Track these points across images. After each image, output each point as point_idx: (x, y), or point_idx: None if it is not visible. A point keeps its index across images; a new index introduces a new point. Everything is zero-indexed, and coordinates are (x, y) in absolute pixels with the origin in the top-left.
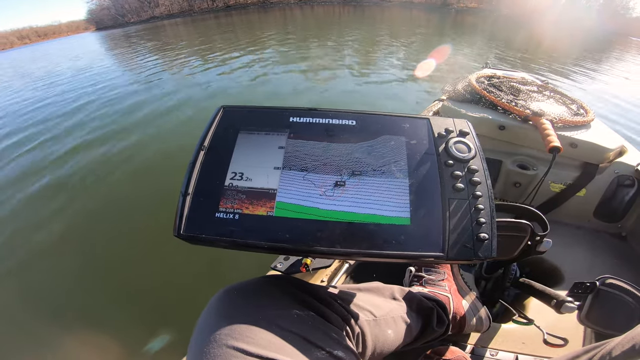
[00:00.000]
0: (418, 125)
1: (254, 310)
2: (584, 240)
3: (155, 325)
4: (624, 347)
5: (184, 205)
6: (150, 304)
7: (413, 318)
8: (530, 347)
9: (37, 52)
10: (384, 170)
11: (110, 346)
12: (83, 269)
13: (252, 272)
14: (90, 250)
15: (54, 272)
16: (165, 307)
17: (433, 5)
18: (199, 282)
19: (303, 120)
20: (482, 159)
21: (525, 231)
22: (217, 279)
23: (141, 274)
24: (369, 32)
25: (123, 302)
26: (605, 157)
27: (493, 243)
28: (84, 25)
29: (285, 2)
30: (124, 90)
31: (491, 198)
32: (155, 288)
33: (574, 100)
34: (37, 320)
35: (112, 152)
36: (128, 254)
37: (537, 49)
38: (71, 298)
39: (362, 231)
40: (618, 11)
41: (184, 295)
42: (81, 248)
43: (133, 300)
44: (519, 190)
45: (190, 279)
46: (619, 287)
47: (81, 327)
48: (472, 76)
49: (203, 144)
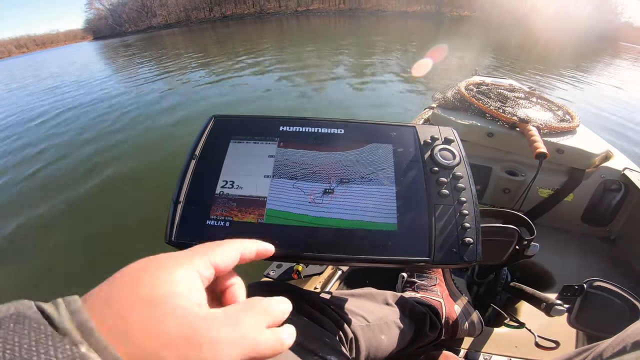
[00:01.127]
0: (405, 133)
1: None
2: (573, 245)
3: None
4: (614, 349)
5: (175, 212)
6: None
7: (406, 323)
8: (523, 350)
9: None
10: (371, 177)
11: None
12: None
13: (245, 280)
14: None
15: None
16: None
17: (427, 14)
18: None
19: (293, 129)
20: (466, 165)
21: (512, 236)
22: None
23: None
24: (363, 41)
25: None
26: (591, 162)
27: (478, 247)
28: (82, 35)
29: (281, 12)
30: (116, 102)
31: (475, 204)
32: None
33: (559, 107)
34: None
35: (97, 162)
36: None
37: (528, 57)
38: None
39: (350, 237)
40: (606, 16)
41: None
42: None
43: None
44: (509, 196)
45: None
46: (607, 289)
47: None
48: (461, 84)
49: (194, 153)
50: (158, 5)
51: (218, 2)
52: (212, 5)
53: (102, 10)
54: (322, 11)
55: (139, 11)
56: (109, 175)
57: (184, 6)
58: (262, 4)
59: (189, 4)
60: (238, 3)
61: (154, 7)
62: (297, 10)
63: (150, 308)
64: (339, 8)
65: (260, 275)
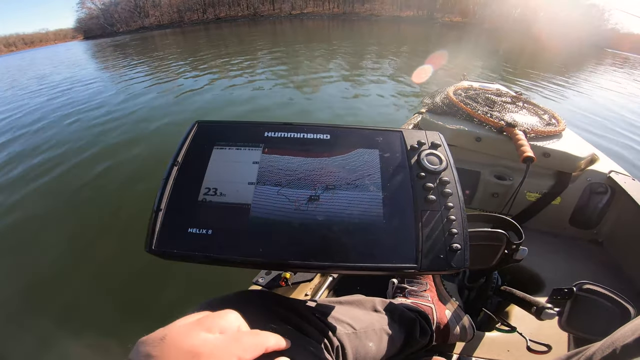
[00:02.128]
0: (391, 138)
1: None
2: (562, 248)
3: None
4: (604, 352)
5: (155, 221)
6: (129, 318)
7: (395, 329)
8: (515, 354)
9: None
10: (357, 183)
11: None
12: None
13: (235, 287)
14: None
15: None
16: (142, 320)
17: (419, 19)
18: (182, 296)
19: (278, 135)
20: (453, 170)
21: (501, 240)
22: (202, 292)
23: (122, 288)
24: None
25: (101, 318)
26: (577, 165)
27: (466, 253)
28: (72, 34)
29: (275, 15)
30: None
31: (463, 209)
32: (135, 301)
33: (545, 111)
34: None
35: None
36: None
37: (517, 61)
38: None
39: (335, 244)
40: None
41: (163, 310)
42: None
43: (111, 315)
44: (498, 200)
45: (173, 293)
46: (596, 292)
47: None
48: (450, 88)
49: (177, 160)
50: (151, 6)
51: (212, 4)
52: (206, 7)
53: (93, 9)
54: (316, 15)
55: (132, 11)
56: (84, 184)
57: (177, 7)
58: (256, 6)
59: (182, 5)
60: (232, 5)
61: (146, 8)
62: (291, 14)
63: None
64: (333, 12)
65: (249, 282)
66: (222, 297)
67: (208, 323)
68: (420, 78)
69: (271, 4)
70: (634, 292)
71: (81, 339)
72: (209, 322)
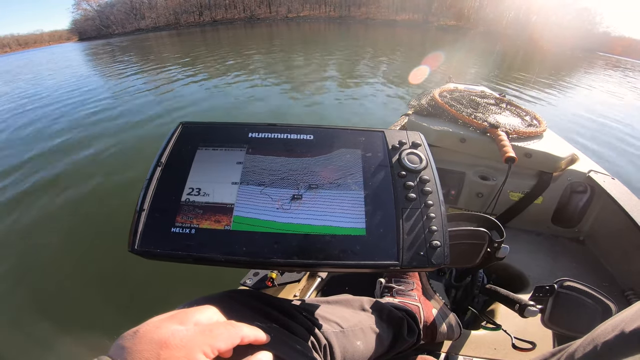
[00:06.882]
0: (373, 138)
1: None
2: (544, 246)
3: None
4: (585, 348)
5: (138, 221)
6: (117, 318)
7: (383, 328)
8: (502, 352)
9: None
10: (339, 183)
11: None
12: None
13: (222, 288)
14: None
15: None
16: (130, 319)
17: (414, 23)
18: (170, 296)
19: (262, 135)
20: (433, 169)
21: (483, 238)
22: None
23: (111, 289)
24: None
25: (89, 316)
26: (558, 165)
27: (445, 250)
28: (67, 35)
29: (271, 18)
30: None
31: (442, 207)
32: (123, 301)
33: (527, 112)
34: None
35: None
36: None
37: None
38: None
39: (318, 243)
40: (586, 26)
41: (154, 310)
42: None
43: (98, 312)
44: (482, 200)
45: (161, 293)
46: (577, 289)
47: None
48: (435, 90)
49: (160, 160)
50: (147, 8)
51: (208, 7)
52: (202, 10)
53: (89, 11)
54: (312, 18)
55: (128, 13)
56: (68, 186)
57: (173, 9)
58: (253, 9)
59: (178, 7)
60: (228, 8)
61: (142, 10)
62: (287, 17)
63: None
64: (329, 15)
65: (237, 284)
66: (207, 297)
67: (181, 317)
68: (417, 79)
69: (268, 7)
70: (616, 289)
71: (67, 337)
72: (182, 316)
